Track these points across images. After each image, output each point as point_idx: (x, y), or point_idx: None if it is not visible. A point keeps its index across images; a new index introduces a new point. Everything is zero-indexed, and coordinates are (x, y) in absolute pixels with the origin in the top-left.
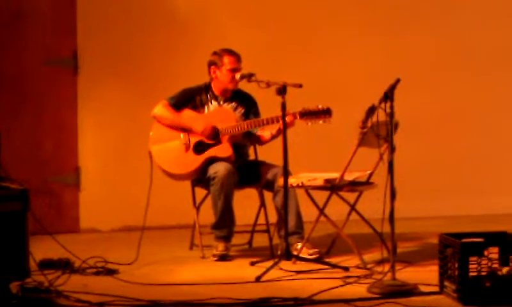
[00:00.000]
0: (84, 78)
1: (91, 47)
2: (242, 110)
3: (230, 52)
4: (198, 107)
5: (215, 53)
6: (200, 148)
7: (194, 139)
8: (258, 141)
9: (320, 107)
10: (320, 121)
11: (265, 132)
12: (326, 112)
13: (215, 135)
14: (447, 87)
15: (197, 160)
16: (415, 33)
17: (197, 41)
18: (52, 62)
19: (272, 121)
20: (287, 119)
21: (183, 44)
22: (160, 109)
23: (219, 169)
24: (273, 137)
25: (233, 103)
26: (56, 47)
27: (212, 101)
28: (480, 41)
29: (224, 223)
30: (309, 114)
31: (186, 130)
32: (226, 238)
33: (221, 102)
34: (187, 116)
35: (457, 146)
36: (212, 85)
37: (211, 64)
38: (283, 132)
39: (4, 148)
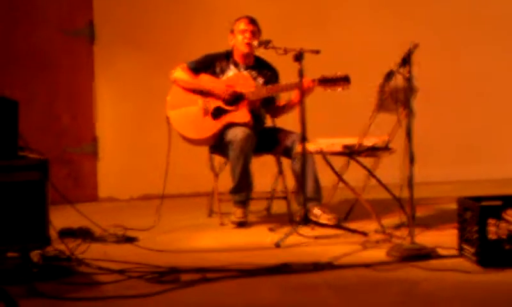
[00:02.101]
0: (101, 48)
1: (108, 16)
2: (262, 80)
3: (244, 16)
4: (217, 73)
5: (233, 22)
6: (218, 113)
7: (212, 105)
8: (273, 110)
9: (339, 74)
10: (339, 89)
11: (281, 102)
12: (344, 80)
13: (235, 99)
14: (466, 52)
15: (215, 126)
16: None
17: (213, 10)
18: (68, 32)
19: (291, 87)
20: (306, 83)
21: (199, 13)
22: (180, 72)
23: (237, 134)
24: (288, 106)
25: (254, 72)
26: (72, 17)
27: (232, 67)
28: (498, 4)
29: (243, 187)
30: (328, 81)
31: (206, 94)
32: (244, 203)
33: (242, 69)
34: (206, 79)
35: (475, 111)
36: (234, 52)
37: (230, 32)
38: (300, 98)
39: (21, 119)
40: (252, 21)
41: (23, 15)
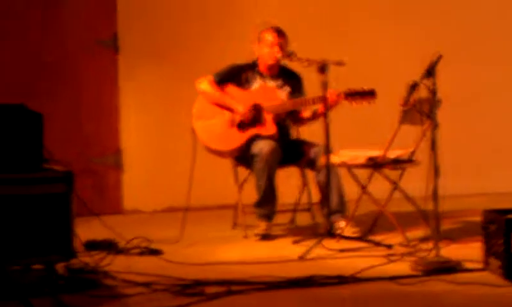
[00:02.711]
0: (125, 59)
1: (132, 28)
2: (289, 89)
3: (272, 28)
4: (243, 84)
5: (261, 31)
6: (244, 125)
7: (238, 116)
8: (298, 120)
9: (365, 88)
10: (365, 103)
11: (305, 112)
12: (370, 94)
13: (257, 116)
14: (491, 62)
15: (241, 138)
16: (455, 8)
17: (235, 21)
18: (92, 44)
19: (317, 100)
20: (332, 97)
21: (221, 24)
22: (205, 85)
23: (263, 147)
24: (314, 117)
25: (279, 82)
26: (97, 29)
27: (258, 78)
28: None
29: (267, 201)
30: (354, 95)
31: (229, 110)
32: (269, 217)
33: (267, 79)
34: (231, 95)
35: (500, 122)
36: (259, 62)
37: (257, 41)
38: (324, 111)
39: (46, 131)
40: (281, 33)
41: (48, 27)
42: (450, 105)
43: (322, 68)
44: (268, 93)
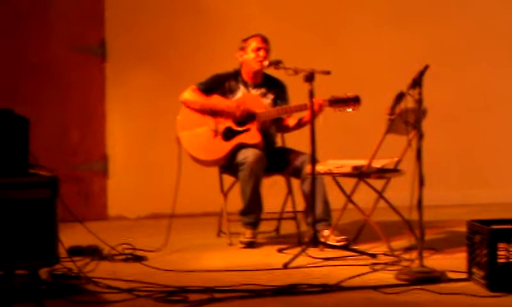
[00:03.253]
0: (112, 66)
1: (119, 35)
2: (272, 96)
3: (256, 34)
4: (226, 93)
5: (243, 40)
6: (228, 134)
7: (223, 126)
8: (283, 128)
9: (349, 94)
10: (349, 109)
11: (290, 120)
12: (354, 100)
13: (247, 118)
14: (477, 74)
15: (226, 147)
16: (444, 20)
17: (223, 29)
18: (80, 50)
19: (302, 108)
20: (317, 103)
21: (209, 32)
22: (190, 94)
23: (248, 155)
24: (299, 125)
25: (263, 89)
26: (84, 35)
27: (241, 87)
28: (507, 24)
29: (252, 209)
30: (338, 102)
31: (217, 114)
32: (254, 225)
33: (250, 88)
34: (218, 99)
35: (485, 134)
36: (242, 71)
37: (239, 50)
38: (310, 119)
39: (32, 136)
40: (265, 39)
41: (35, 33)
42: (436, 115)
43: (309, 77)
44: (252, 101)
